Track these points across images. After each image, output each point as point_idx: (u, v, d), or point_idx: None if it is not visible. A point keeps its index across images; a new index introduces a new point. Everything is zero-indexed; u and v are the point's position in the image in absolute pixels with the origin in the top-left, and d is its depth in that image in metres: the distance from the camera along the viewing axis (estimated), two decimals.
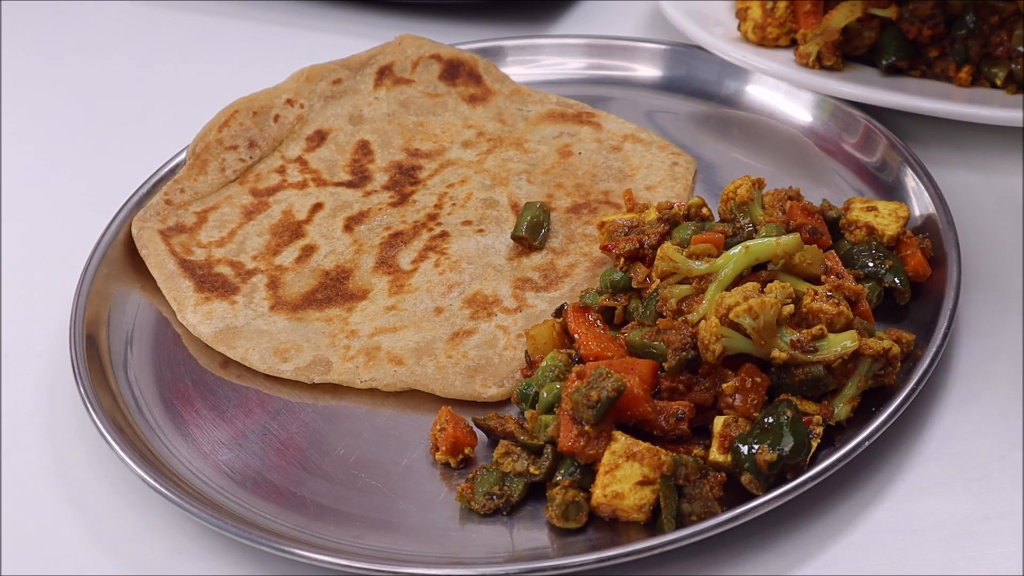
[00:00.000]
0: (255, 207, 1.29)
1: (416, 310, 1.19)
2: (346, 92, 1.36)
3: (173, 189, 1.29)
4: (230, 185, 1.30)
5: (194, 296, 1.21)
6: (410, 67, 1.37)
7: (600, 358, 1.04)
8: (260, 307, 1.20)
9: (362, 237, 1.26)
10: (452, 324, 1.17)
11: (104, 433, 1.08)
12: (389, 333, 1.17)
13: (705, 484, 0.98)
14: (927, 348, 1.06)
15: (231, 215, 1.28)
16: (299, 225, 1.27)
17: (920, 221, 1.18)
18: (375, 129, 1.35)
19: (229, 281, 1.22)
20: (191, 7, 1.65)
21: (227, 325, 1.19)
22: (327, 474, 1.08)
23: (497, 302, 1.19)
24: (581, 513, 0.99)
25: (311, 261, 1.24)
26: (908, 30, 1.33)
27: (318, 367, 1.15)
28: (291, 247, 1.25)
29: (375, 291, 1.21)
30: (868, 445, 1.00)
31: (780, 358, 1.01)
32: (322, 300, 1.21)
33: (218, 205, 1.28)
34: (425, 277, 1.21)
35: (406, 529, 1.03)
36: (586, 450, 0.98)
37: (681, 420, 1.01)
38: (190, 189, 1.29)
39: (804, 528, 1.00)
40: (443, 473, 1.07)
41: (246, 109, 1.34)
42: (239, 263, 1.24)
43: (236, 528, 1.01)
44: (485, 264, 1.22)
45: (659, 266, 1.08)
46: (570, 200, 1.28)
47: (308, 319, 1.19)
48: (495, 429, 1.05)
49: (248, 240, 1.26)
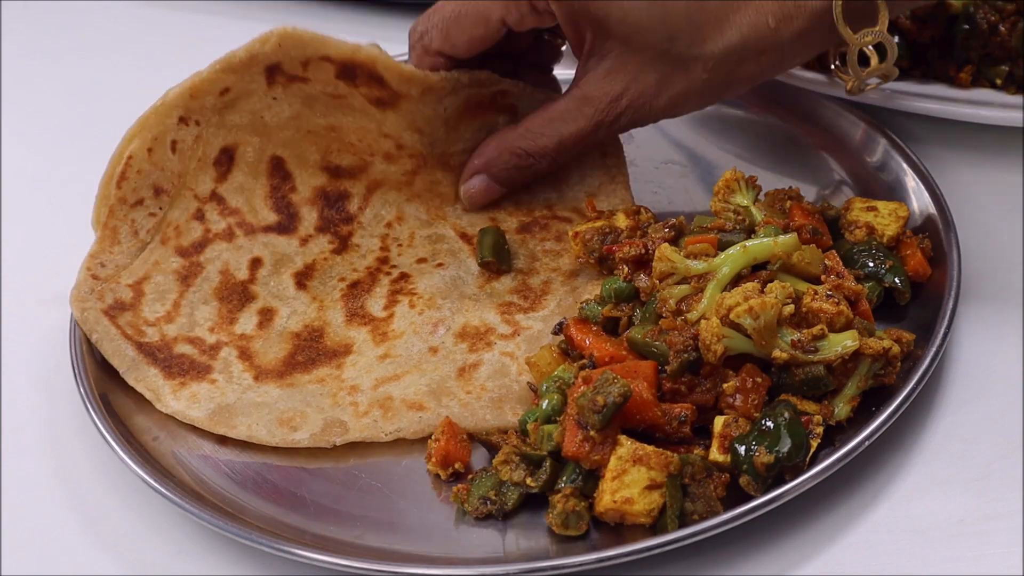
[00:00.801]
0: (188, 270, 1.20)
1: (411, 354, 1.16)
2: (239, 97, 1.21)
3: (93, 264, 1.19)
4: (150, 248, 1.20)
5: (167, 383, 1.14)
6: (300, 67, 1.20)
7: (616, 359, 1.04)
8: (243, 380, 1.14)
9: (319, 293, 1.21)
10: (454, 360, 1.15)
11: (104, 433, 1.08)
12: (393, 382, 1.13)
13: (709, 484, 0.98)
14: (927, 348, 1.06)
15: (166, 284, 1.19)
16: (244, 286, 1.20)
17: (920, 221, 1.18)
18: (284, 141, 1.24)
19: (196, 361, 1.15)
20: (191, 7, 1.65)
21: (218, 405, 1.12)
22: (327, 474, 1.08)
23: (491, 331, 1.17)
24: (581, 522, 0.99)
25: (275, 325, 1.18)
26: (908, 30, 1.33)
27: (334, 429, 1.10)
28: (246, 312, 1.19)
29: (358, 343, 1.17)
30: (868, 445, 1.00)
31: (781, 358, 1.01)
32: (305, 362, 1.15)
33: (149, 274, 1.19)
34: (406, 320, 1.18)
35: (406, 529, 1.03)
36: (590, 455, 0.98)
37: (684, 423, 1.01)
38: (110, 263, 1.19)
39: (804, 528, 1.00)
40: None
41: (139, 150, 1.20)
42: (198, 339, 1.17)
43: (236, 528, 1.01)
44: (459, 296, 1.20)
45: (657, 267, 1.08)
46: (516, 220, 1.26)
47: (300, 383, 1.14)
48: (496, 444, 1.05)
49: (196, 311, 1.18)
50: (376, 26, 1.58)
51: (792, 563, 0.99)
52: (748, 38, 1.13)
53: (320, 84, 1.21)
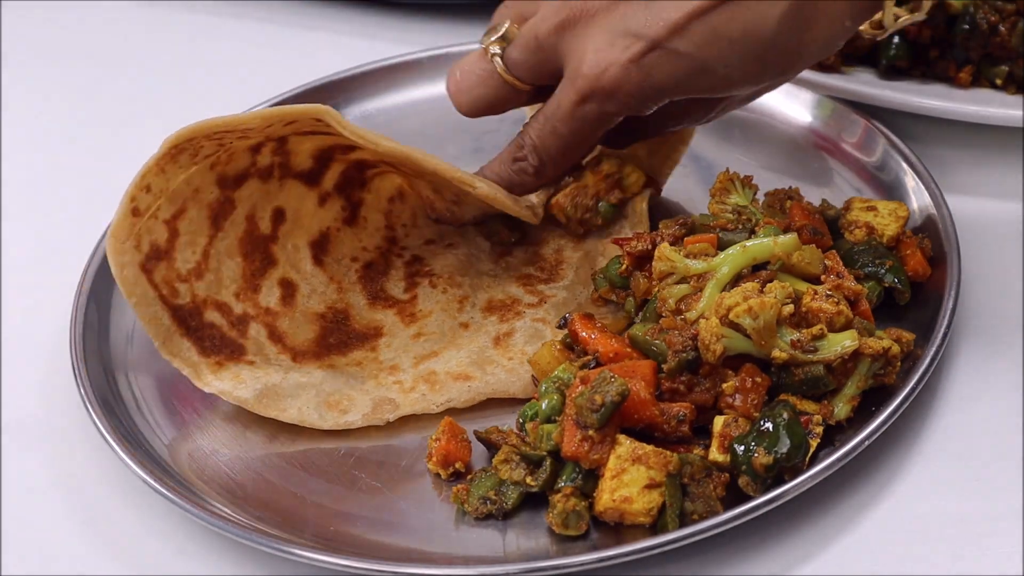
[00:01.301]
0: (220, 206, 1.17)
1: (443, 331, 1.17)
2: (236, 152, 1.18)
3: (139, 192, 1.12)
4: (197, 169, 1.15)
5: (203, 361, 1.13)
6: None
7: (620, 355, 1.05)
8: (281, 360, 1.15)
9: (335, 273, 1.21)
10: (487, 332, 1.16)
11: (104, 433, 1.08)
12: (432, 358, 1.15)
13: (709, 483, 0.99)
14: (927, 348, 1.06)
15: (199, 222, 1.16)
16: (266, 244, 1.19)
17: (920, 221, 1.18)
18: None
19: (227, 336, 1.15)
20: (191, 7, 1.65)
21: (264, 385, 1.12)
22: (327, 475, 1.08)
23: (516, 302, 1.19)
24: (581, 521, 0.99)
25: (298, 303, 1.18)
26: (908, 30, 1.33)
27: (384, 407, 1.11)
28: (267, 281, 1.18)
29: (387, 325, 1.18)
30: (868, 445, 1.00)
31: (780, 358, 1.01)
32: (338, 344, 1.17)
33: (186, 207, 1.16)
34: (431, 300, 1.20)
35: (406, 529, 1.03)
36: (590, 455, 0.98)
37: (682, 422, 1.01)
38: (156, 186, 1.13)
39: (804, 528, 1.00)
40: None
41: (204, 134, 1.13)
42: (225, 305, 1.16)
43: (236, 528, 1.01)
44: (477, 273, 1.22)
45: (657, 266, 1.08)
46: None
47: (339, 365, 1.15)
48: (496, 443, 1.05)
49: (223, 266, 1.17)
50: (377, 26, 1.58)
51: (792, 563, 0.99)
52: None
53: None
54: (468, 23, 1.56)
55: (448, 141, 1.37)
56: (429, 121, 1.40)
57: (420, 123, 1.40)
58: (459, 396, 1.12)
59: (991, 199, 1.25)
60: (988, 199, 1.25)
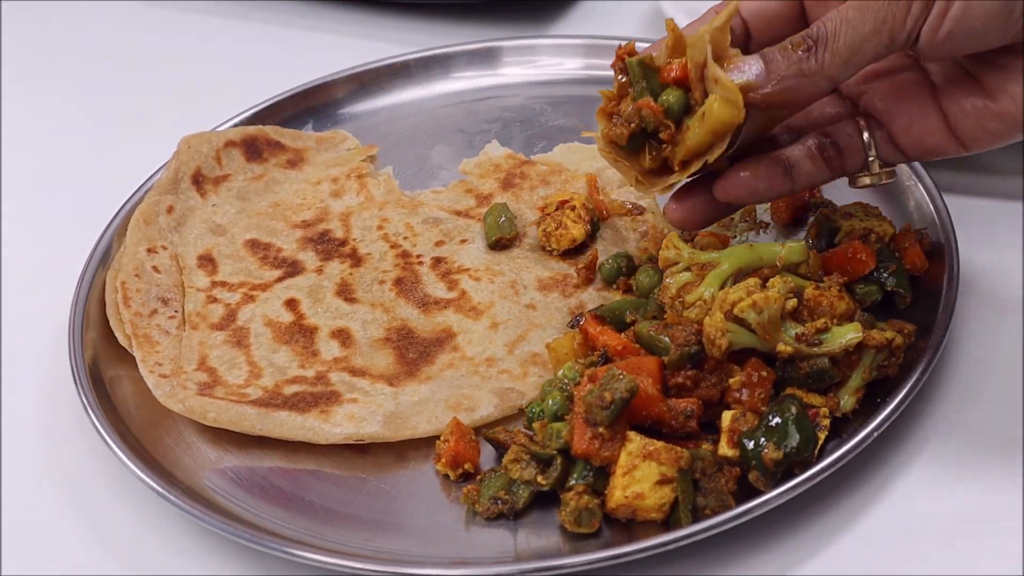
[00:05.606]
0: (236, 336, 1.18)
1: (515, 316, 1.17)
2: (186, 213, 1.27)
3: (153, 368, 1.15)
4: (185, 338, 1.18)
5: (308, 417, 1.09)
6: (216, 164, 1.30)
7: (628, 351, 1.05)
8: (380, 389, 1.12)
9: (375, 299, 1.20)
10: (557, 308, 1.17)
11: (104, 434, 1.08)
12: (522, 342, 1.15)
13: (720, 478, 0.99)
14: (927, 347, 1.06)
15: (228, 353, 1.17)
16: (298, 324, 1.19)
17: (920, 221, 1.18)
18: (246, 227, 1.28)
19: (315, 392, 1.12)
20: (191, 7, 1.65)
21: (385, 415, 1.09)
22: (335, 479, 1.07)
23: (566, 278, 1.19)
24: (594, 519, 0.99)
25: (358, 341, 1.17)
26: None
27: (510, 395, 1.10)
28: (321, 342, 1.17)
29: (454, 324, 1.17)
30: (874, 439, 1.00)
31: (785, 352, 1.01)
32: (421, 356, 1.15)
33: (205, 355, 1.17)
34: (484, 291, 1.19)
35: (416, 531, 1.02)
36: (601, 452, 0.98)
37: (690, 417, 1.01)
38: (165, 360, 1.16)
39: (805, 527, 1.01)
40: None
41: (128, 277, 1.20)
42: (299, 377, 1.14)
43: (246, 533, 1.00)
44: (509, 258, 1.22)
45: (663, 255, 1.08)
46: (493, 180, 1.29)
47: (435, 375, 1.13)
48: (504, 443, 1.05)
49: (274, 358, 1.16)
50: (377, 26, 1.58)
51: (792, 563, 0.99)
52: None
53: (240, 174, 1.31)
54: (466, 23, 1.56)
55: (443, 140, 1.38)
56: (427, 120, 1.40)
57: (417, 122, 1.40)
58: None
59: (991, 199, 1.25)
60: (988, 199, 1.25)
